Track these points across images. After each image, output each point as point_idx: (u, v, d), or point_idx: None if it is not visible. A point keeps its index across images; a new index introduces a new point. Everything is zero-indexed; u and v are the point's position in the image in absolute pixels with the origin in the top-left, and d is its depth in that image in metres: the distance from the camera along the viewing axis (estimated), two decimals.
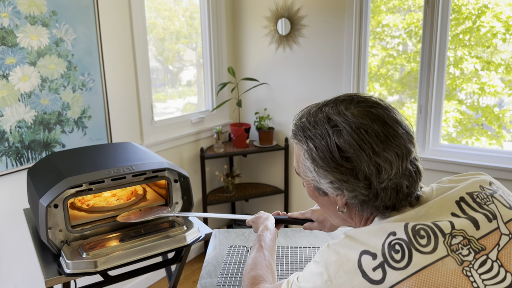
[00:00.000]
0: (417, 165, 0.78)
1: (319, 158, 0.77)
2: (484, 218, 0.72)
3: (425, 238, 0.68)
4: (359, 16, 2.66)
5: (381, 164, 0.73)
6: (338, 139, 0.75)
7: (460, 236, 0.69)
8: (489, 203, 0.74)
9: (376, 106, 0.78)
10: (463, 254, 0.68)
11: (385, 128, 0.75)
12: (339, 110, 0.78)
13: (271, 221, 1.21)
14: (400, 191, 0.75)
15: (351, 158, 0.74)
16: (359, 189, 0.75)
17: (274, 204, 3.32)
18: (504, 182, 2.38)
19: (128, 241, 1.34)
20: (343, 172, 0.75)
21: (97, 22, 2.23)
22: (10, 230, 2.01)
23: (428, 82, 2.53)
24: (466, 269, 0.66)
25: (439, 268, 0.66)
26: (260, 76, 3.14)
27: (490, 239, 0.70)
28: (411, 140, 0.77)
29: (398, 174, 0.74)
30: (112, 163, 1.43)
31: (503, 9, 2.35)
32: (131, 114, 2.52)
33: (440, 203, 0.75)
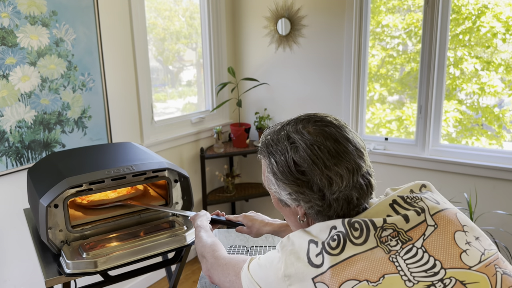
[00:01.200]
0: (369, 179, 0.86)
1: (279, 172, 0.86)
2: (414, 213, 0.81)
3: (358, 231, 0.78)
4: (359, 16, 2.66)
5: (332, 177, 0.82)
6: (294, 155, 0.84)
7: (390, 229, 0.79)
8: (418, 201, 0.84)
9: (329, 125, 0.87)
10: (391, 244, 0.77)
11: (336, 145, 0.84)
12: (297, 129, 0.87)
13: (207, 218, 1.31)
14: (350, 202, 0.84)
15: (306, 172, 0.83)
16: (314, 200, 0.84)
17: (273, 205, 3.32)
18: (504, 182, 2.38)
19: (128, 241, 1.34)
20: (299, 185, 0.84)
21: (97, 22, 2.23)
22: (10, 230, 2.01)
23: (428, 82, 2.53)
24: (393, 256, 0.76)
25: (367, 256, 0.75)
26: (260, 76, 3.14)
27: (417, 231, 0.79)
28: (361, 156, 0.85)
29: (348, 187, 0.83)
30: (112, 163, 1.43)
31: (503, 9, 2.35)
32: (131, 114, 2.52)
33: (376, 208, 0.84)
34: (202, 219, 1.29)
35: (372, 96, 2.84)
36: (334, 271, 0.74)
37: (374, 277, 0.73)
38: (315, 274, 0.76)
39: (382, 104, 2.84)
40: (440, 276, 0.73)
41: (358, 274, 0.73)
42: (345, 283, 0.73)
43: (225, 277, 0.99)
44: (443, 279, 0.73)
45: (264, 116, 3.05)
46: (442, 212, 0.83)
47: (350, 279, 0.73)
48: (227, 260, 1.02)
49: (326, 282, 0.74)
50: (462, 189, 2.49)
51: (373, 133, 2.88)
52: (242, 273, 0.92)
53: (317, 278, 0.75)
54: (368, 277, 0.73)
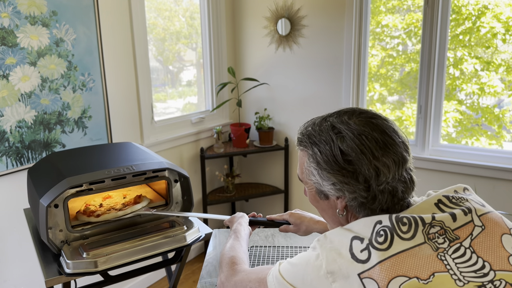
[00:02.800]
0: (411, 174, 0.85)
1: (323, 162, 0.84)
2: (461, 212, 0.80)
3: (407, 226, 0.76)
4: (359, 16, 2.67)
5: (380, 168, 0.80)
6: (341, 144, 0.82)
7: (438, 226, 0.77)
8: (464, 201, 0.83)
9: (376, 117, 0.86)
10: (438, 242, 0.75)
11: (383, 136, 0.83)
12: (343, 120, 0.86)
13: (245, 220, 1.28)
14: (395, 195, 0.83)
15: (353, 161, 0.81)
16: (359, 191, 0.82)
17: (274, 204, 3.33)
18: (504, 182, 2.38)
19: (128, 241, 1.34)
20: (344, 175, 0.82)
21: (97, 22, 2.23)
22: (10, 230, 2.01)
23: (428, 82, 2.53)
24: (441, 254, 0.74)
25: (415, 252, 0.74)
26: (260, 76, 3.14)
27: (464, 230, 0.78)
28: (407, 149, 0.85)
29: (394, 179, 0.82)
30: (112, 163, 1.43)
31: (503, 10, 2.35)
32: (131, 114, 2.52)
33: (421, 206, 0.82)
34: (240, 221, 1.25)
35: (372, 96, 2.84)
36: (383, 266, 0.72)
37: (424, 274, 0.72)
38: (362, 270, 0.74)
39: (382, 104, 2.84)
40: (490, 277, 0.72)
41: (408, 271, 0.72)
42: (395, 279, 0.71)
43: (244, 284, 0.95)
44: (493, 280, 0.72)
45: (264, 116, 3.06)
46: (489, 214, 0.81)
47: (400, 275, 0.71)
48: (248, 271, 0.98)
49: (375, 278, 0.72)
50: None
51: None
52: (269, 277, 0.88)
53: (364, 274, 0.73)
54: (418, 274, 0.72)
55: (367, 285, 0.72)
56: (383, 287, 0.71)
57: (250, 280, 0.95)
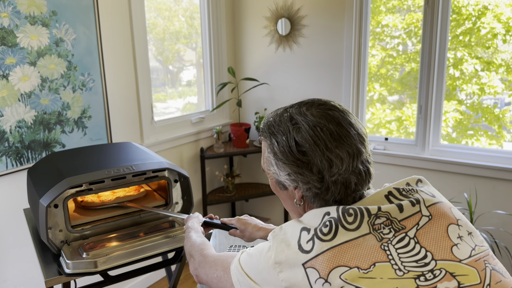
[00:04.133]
0: (368, 167, 0.87)
1: (279, 152, 0.86)
2: (409, 203, 0.81)
3: (352, 216, 0.78)
4: (359, 16, 2.66)
5: (332, 159, 0.82)
6: (296, 135, 0.84)
7: (384, 217, 0.78)
8: (414, 193, 0.85)
9: (333, 109, 0.87)
10: (384, 232, 0.77)
11: (339, 128, 0.84)
12: (301, 111, 0.88)
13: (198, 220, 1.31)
14: (348, 187, 0.84)
15: (307, 152, 0.83)
16: (313, 182, 0.84)
17: (274, 204, 3.33)
18: (504, 182, 2.38)
19: (128, 241, 1.34)
20: (299, 165, 0.84)
21: (97, 22, 2.23)
22: (10, 230, 2.01)
23: (428, 82, 2.53)
24: (385, 244, 0.76)
25: (359, 243, 0.75)
26: (260, 76, 3.14)
27: (411, 220, 0.79)
28: (362, 142, 0.86)
29: (348, 171, 0.83)
30: (112, 163, 1.43)
31: (503, 10, 2.35)
32: (131, 114, 2.52)
33: (372, 198, 0.84)
34: (193, 220, 1.29)
35: (372, 96, 2.84)
36: (325, 256, 0.74)
37: (365, 264, 0.73)
38: (305, 260, 0.76)
39: (382, 104, 2.84)
40: (430, 267, 0.74)
41: (349, 261, 0.73)
42: (336, 269, 0.73)
43: (213, 273, 0.98)
44: (433, 269, 0.73)
45: (264, 116, 3.06)
46: (438, 204, 0.83)
47: (341, 265, 0.73)
48: (216, 257, 1.02)
49: (317, 268, 0.74)
50: (462, 189, 2.49)
51: (373, 133, 2.88)
52: (232, 266, 0.91)
53: (307, 264, 0.75)
54: (359, 264, 0.73)
55: (310, 275, 0.74)
56: (324, 276, 0.73)
57: (217, 268, 0.98)
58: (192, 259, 1.09)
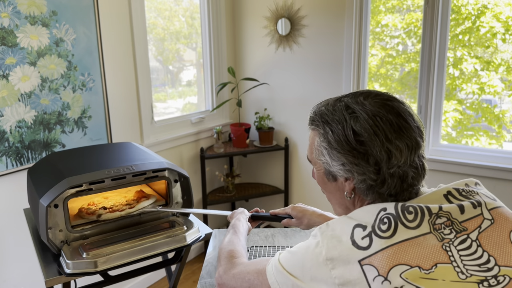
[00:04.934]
0: (423, 162, 0.83)
1: (334, 141, 0.82)
2: (470, 204, 0.78)
3: (413, 214, 0.75)
4: (359, 16, 2.66)
5: (392, 150, 0.78)
6: (354, 124, 0.81)
7: (445, 217, 0.76)
8: (474, 195, 0.81)
9: (392, 100, 0.84)
10: (444, 233, 0.74)
11: (399, 119, 0.81)
12: (358, 100, 0.84)
13: (244, 215, 1.28)
14: (405, 181, 0.81)
15: (365, 142, 0.79)
16: (369, 173, 0.80)
17: (274, 204, 3.33)
18: (504, 182, 2.38)
19: (128, 241, 1.34)
20: (355, 156, 0.80)
21: (97, 22, 2.23)
22: (10, 230, 2.01)
23: (428, 82, 2.53)
24: (446, 245, 0.73)
25: (420, 242, 0.72)
26: (260, 76, 3.14)
27: (472, 222, 0.76)
28: (421, 135, 0.83)
29: (406, 164, 0.80)
30: (112, 163, 1.43)
31: (502, 9, 2.35)
32: (131, 114, 2.52)
33: (429, 196, 0.81)
34: (238, 217, 1.25)
35: None
36: (385, 254, 0.71)
37: (427, 264, 0.71)
38: (362, 257, 0.72)
39: None
40: (494, 272, 0.71)
41: (410, 260, 0.71)
42: (396, 267, 0.70)
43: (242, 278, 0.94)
44: (497, 275, 0.71)
45: (264, 116, 3.05)
46: (500, 208, 0.80)
47: (401, 263, 0.70)
48: (246, 263, 0.98)
49: (375, 265, 0.71)
50: None
51: None
52: (268, 267, 0.88)
53: (364, 261, 0.72)
54: (420, 264, 0.70)
55: (367, 272, 0.71)
56: (383, 274, 0.70)
57: (249, 272, 0.94)
58: (218, 265, 1.05)
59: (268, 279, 0.86)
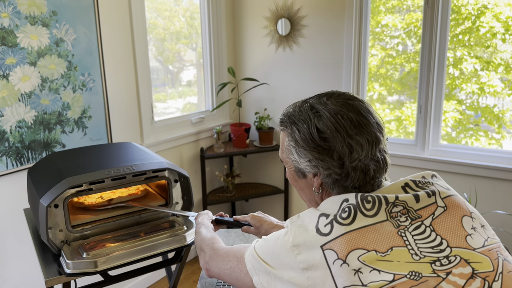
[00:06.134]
0: (384, 156, 0.90)
1: (301, 139, 0.89)
2: (425, 194, 0.84)
3: (371, 203, 0.81)
4: (359, 16, 2.67)
5: (353, 145, 0.85)
6: (318, 122, 0.87)
7: (401, 206, 0.82)
8: (429, 185, 0.88)
9: (352, 99, 0.91)
10: (400, 220, 0.80)
11: (359, 117, 0.87)
12: (321, 101, 0.91)
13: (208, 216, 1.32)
14: (367, 174, 0.87)
15: (328, 139, 0.86)
16: (333, 168, 0.86)
17: (274, 204, 3.33)
18: (504, 182, 2.38)
19: (128, 241, 1.34)
20: (320, 152, 0.86)
21: (97, 22, 2.23)
22: (10, 230, 2.01)
23: (428, 82, 2.53)
24: (401, 231, 0.78)
25: (377, 228, 0.78)
26: (260, 76, 3.14)
27: (427, 210, 0.82)
28: (381, 130, 0.89)
29: (367, 157, 0.86)
30: (112, 163, 1.43)
31: (502, 9, 2.35)
32: (131, 114, 2.52)
33: (389, 188, 0.87)
34: (203, 217, 1.30)
35: (371, 96, 2.84)
36: (344, 239, 0.76)
37: (383, 248, 0.76)
38: (324, 242, 0.78)
39: (381, 104, 2.84)
40: (446, 253, 0.76)
41: (367, 244, 0.76)
42: (354, 251, 0.75)
43: (225, 264, 0.99)
44: (449, 256, 0.76)
45: (264, 116, 3.06)
46: (452, 197, 0.86)
47: (359, 247, 0.75)
48: (227, 249, 1.03)
49: (335, 249, 0.76)
50: (462, 189, 2.50)
51: None
52: (246, 254, 0.93)
53: (325, 246, 0.77)
54: (377, 248, 0.76)
55: (328, 256, 0.77)
56: (342, 257, 0.75)
57: (230, 260, 0.99)
58: (202, 253, 1.10)
59: (246, 265, 0.92)
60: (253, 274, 0.89)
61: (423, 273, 0.73)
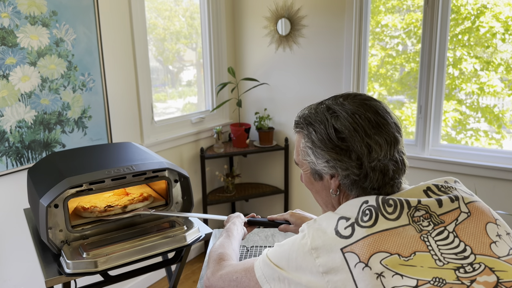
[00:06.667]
0: (403, 157, 0.88)
1: (318, 140, 0.88)
2: (448, 199, 0.82)
3: (392, 207, 0.79)
4: (359, 16, 2.67)
5: (372, 145, 0.83)
6: (335, 122, 0.86)
7: (423, 210, 0.80)
8: (452, 190, 0.86)
9: (369, 99, 0.90)
10: (423, 224, 0.78)
11: (377, 117, 0.86)
12: (338, 101, 0.90)
13: (240, 219, 1.30)
14: (386, 174, 0.85)
15: (346, 139, 0.84)
16: (352, 168, 0.85)
17: (274, 204, 3.33)
18: (504, 182, 2.38)
19: (128, 241, 1.34)
20: (338, 152, 0.85)
21: (97, 22, 2.23)
22: (10, 230, 2.01)
23: (428, 82, 2.53)
24: (424, 236, 0.77)
25: (399, 232, 0.76)
26: (260, 76, 3.14)
27: (450, 215, 0.80)
28: (399, 131, 0.88)
29: (386, 158, 0.84)
30: (112, 163, 1.43)
31: (502, 9, 2.35)
32: (131, 114, 2.52)
33: (410, 191, 0.85)
34: (233, 221, 1.27)
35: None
36: (366, 241, 0.75)
37: (406, 252, 0.74)
38: (345, 245, 0.76)
39: None
40: (470, 260, 0.75)
41: (390, 247, 0.74)
42: (376, 254, 0.73)
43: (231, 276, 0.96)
44: (473, 263, 0.74)
45: (264, 116, 3.06)
46: (476, 203, 0.84)
47: (382, 251, 0.74)
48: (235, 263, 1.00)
49: (356, 252, 0.74)
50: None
51: None
52: (256, 263, 0.90)
53: (346, 248, 0.76)
54: (400, 252, 0.74)
55: (349, 259, 0.75)
56: (364, 260, 0.73)
57: (237, 271, 0.96)
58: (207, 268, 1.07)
59: (256, 274, 0.89)
60: (264, 283, 0.86)
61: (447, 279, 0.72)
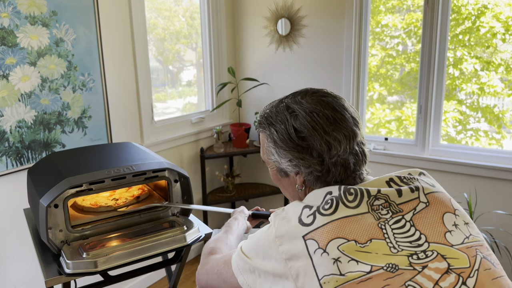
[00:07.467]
0: (363, 148, 0.91)
1: (279, 140, 0.90)
2: (408, 189, 0.86)
3: (353, 195, 0.82)
4: (359, 16, 2.67)
5: (331, 142, 0.86)
6: (295, 122, 0.88)
7: (383, 199, 0.83)
8: (414, 181, 0.89)
9: (327, 96, 0.92)
10: (382, 213, 0.81)
11: (334, 113, 0.88)
12: (296, 100, 0.92)
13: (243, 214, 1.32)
14: (347, 168, 0.88)
15: (306, 138, 0.87)
16: (314, 165, 0.88)
17: (274, 204, 3.33)
18: (504, 182, 2.38)
19: (128, 241, 1.34)
20: (299, 151, 0.88)
21: (97, 22, 2.23)
22: (10, 230, 2.01)
23: (428, 82, 2.53)
24: (382, 223, 0.80)
25: (358, 219, 0.79)
26: (260, 76, 3.14)
27: (408, 205, 0.83)
28: (356, 124, 0.90)
29: (346, 152, 0.87)
30: (112, 163, 1.43)
31: (502, 9, 2.35)
32: (131, 114, 2.52)
33: (373, 182, 0.88)
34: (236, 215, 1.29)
35: (371, 96, 2.84)
36: (325, 228, 0.78)
37: (362, 239, 0.77)
38: (306, 232, 0.79)
39: (381, 104, 2.84)
40: (423, 248, 0.78)
41: (347, 234, 0.77)
42: (334, 240, 0.76)
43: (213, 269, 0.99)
44: (426, 250, 0.77)
45: None
46: (436, 193, 0.87)
47: (339, 237, 0.77)
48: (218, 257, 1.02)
49: (316, 239, 0.77)
50: (462, 189, 2.50)
51: (372, 133, 2.88)
52: (233, 256, 0.93)
53: (307, 236, 0.79)
54: (357, 238, 0.77)
55: (309, 246, 0.78)
56: (322, 246, 0.76)
57: (218, 264, 0.99)
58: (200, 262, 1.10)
59: (232, 266, 0.92)
60: (238, 274, 0.90)
61: (400, 265, 0.75)
